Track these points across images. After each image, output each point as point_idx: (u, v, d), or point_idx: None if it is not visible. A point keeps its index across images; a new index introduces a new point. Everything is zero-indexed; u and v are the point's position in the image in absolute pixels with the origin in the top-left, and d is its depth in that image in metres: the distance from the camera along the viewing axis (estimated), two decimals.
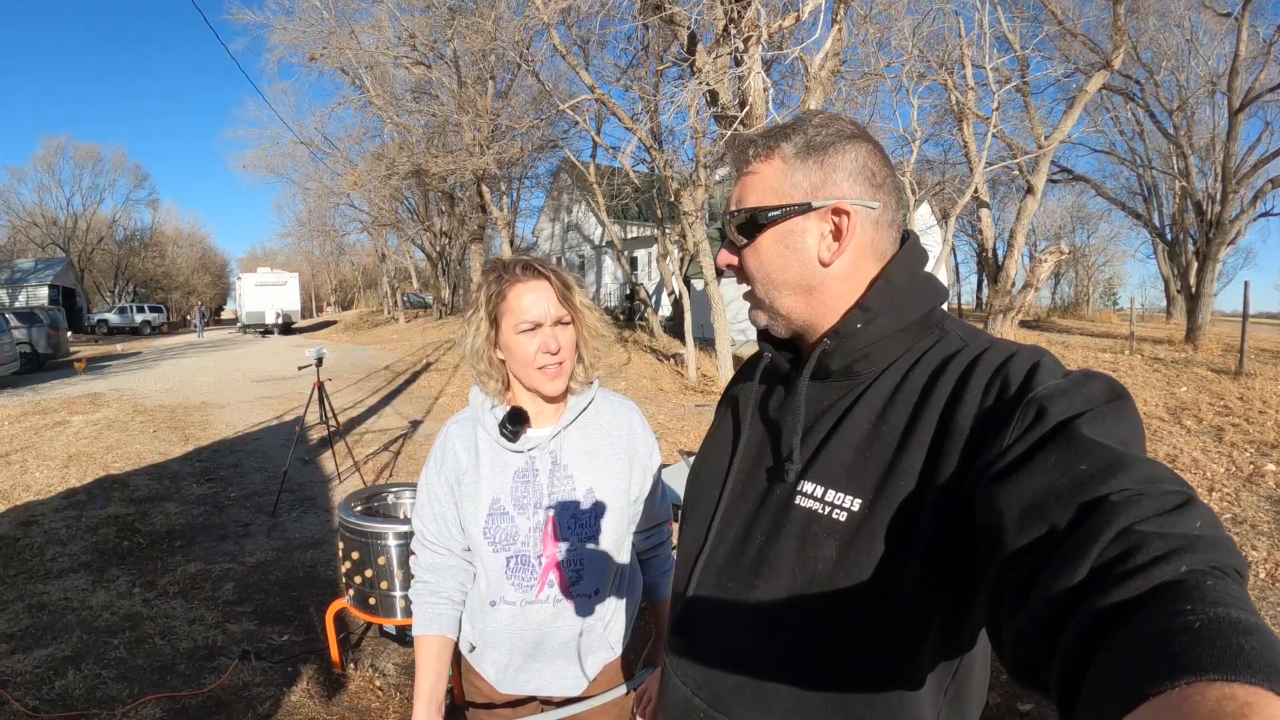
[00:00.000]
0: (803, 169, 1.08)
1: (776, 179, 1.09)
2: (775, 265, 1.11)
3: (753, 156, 1.12)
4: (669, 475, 5.20)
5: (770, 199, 1.09)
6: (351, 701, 3.88)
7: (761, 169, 1.11)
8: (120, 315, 45.47)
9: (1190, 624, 0.50)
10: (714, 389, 13.71)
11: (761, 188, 1.10)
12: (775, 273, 1.11)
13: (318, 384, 8.08)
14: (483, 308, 1.71)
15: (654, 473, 1.99)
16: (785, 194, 1.08)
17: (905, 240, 1.14)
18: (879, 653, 0.98)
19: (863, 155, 1.08)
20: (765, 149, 1.11)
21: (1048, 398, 0.82)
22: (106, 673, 4.10)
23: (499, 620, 1.82)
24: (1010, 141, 16.53)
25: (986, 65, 13.60)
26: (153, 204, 68.23)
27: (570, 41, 16.52)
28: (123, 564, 5.73)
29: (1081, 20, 17.14)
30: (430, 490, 1.85)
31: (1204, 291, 17.87)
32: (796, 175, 1.08)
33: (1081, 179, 25.42)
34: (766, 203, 1.09)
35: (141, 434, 11.14)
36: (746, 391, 1.29)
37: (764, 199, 1.10)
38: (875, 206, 1.07)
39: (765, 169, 1.10)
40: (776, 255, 1.10)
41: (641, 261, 31.49)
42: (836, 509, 1.00)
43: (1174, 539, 0.60)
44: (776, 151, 1.10)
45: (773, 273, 1.12)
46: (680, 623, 1.22)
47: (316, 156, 30.50)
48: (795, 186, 1.08)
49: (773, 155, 1.10)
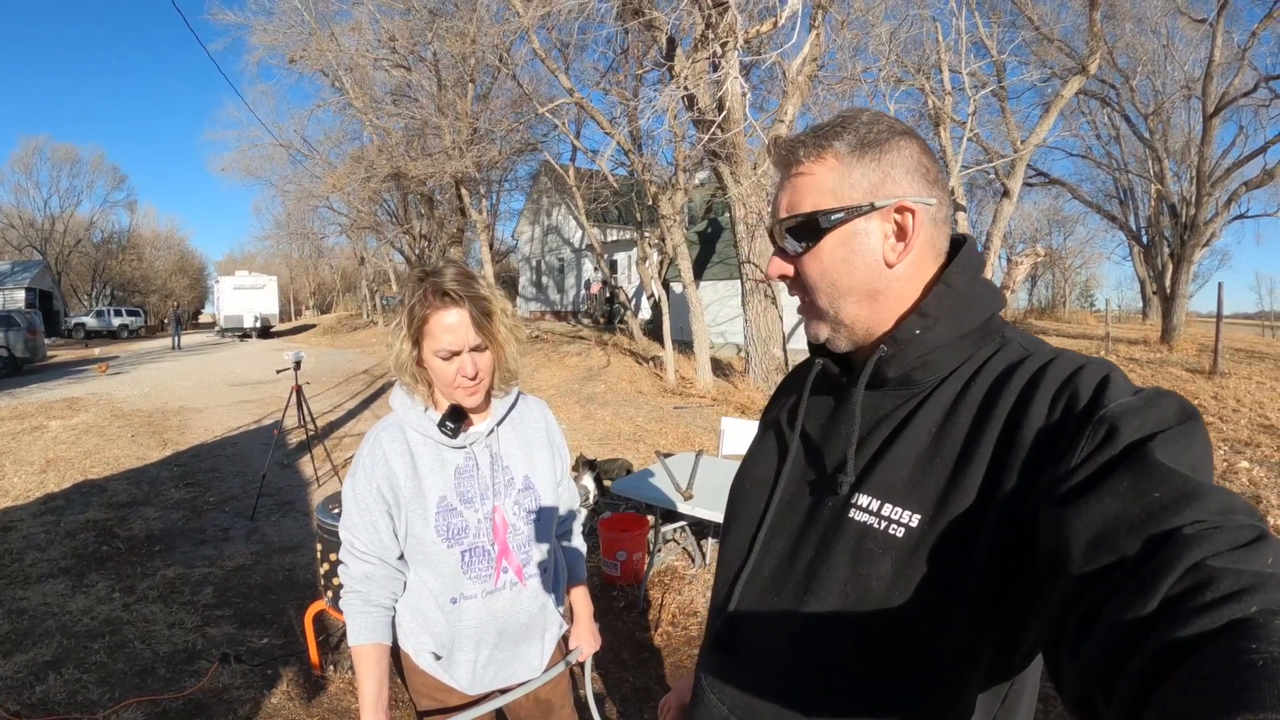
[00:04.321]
0: (861, 167, 1.03)
1: (833, 179, 1.04)
2: (840, 271, 1.05)
3: (804, 156, 1.06)
4: (645, 476, 5.28)
5: (829, 201, 1.03)
6: (331, 703, 3.92)
7: (815, 169, 1.05)
8: (98, 319, 44.89)
9: (1254, 662, 0.49)
10: (692, 391, 13.78)
11: (817, 189, 1.04)
12: (841, 279, 1.05)
13: (296, 387, 8.09)
14: (406, 327, 1.77)
15: (568, 461, 2.16)
16: (844, 195, 1.03)
17: (962, 244, 1.09)
18: (931, 675, 0.95)
19: (915, 151, 1.04)
20: (817, 148, 1.05)
21: (1119, 416, 0.79)
22: (87, 677, 4.12)
23: (466, 617, 1.88)
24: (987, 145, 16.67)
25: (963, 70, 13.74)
26: (131, 206, 67.63)
27: (550, 45, 16.52)
28: (102, 569, 5.74)
29: (1058, 26, 17.24)
30: (360, 499, 1.86)
31: (1179, 293, 18.13)
32: (855, 174, 1.03)
33: (1058, 182, 25.61)
34: (825, 205, 1.04)
35: (119, 439, 11.10)
36: (794, 401, 1.25)
37: (822, 201, 1.04)
38: (933, 203, 1.04)
39: (819, 169, 1.05)
40: (841, 260, 1.04)
41: (621, 264, 31.52)
42: (894, 524, 0.96)
43: (1245, 576, 0.58)
44: (829, 150, 1.04)
45: (838, 279, 1.05)
46: (721, 638, 1.17)
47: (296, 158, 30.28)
48: (854, 186, 1.03)
49: (825, 154, 1.04)
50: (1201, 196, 17.90)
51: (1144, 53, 21.38)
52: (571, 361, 18.17)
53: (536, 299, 38.63)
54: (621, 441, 10.32)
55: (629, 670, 4.20)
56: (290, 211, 35.76)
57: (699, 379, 14.20)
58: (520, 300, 39.55)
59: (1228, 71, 17.86)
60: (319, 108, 27.44)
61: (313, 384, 17.13)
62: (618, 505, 6.78)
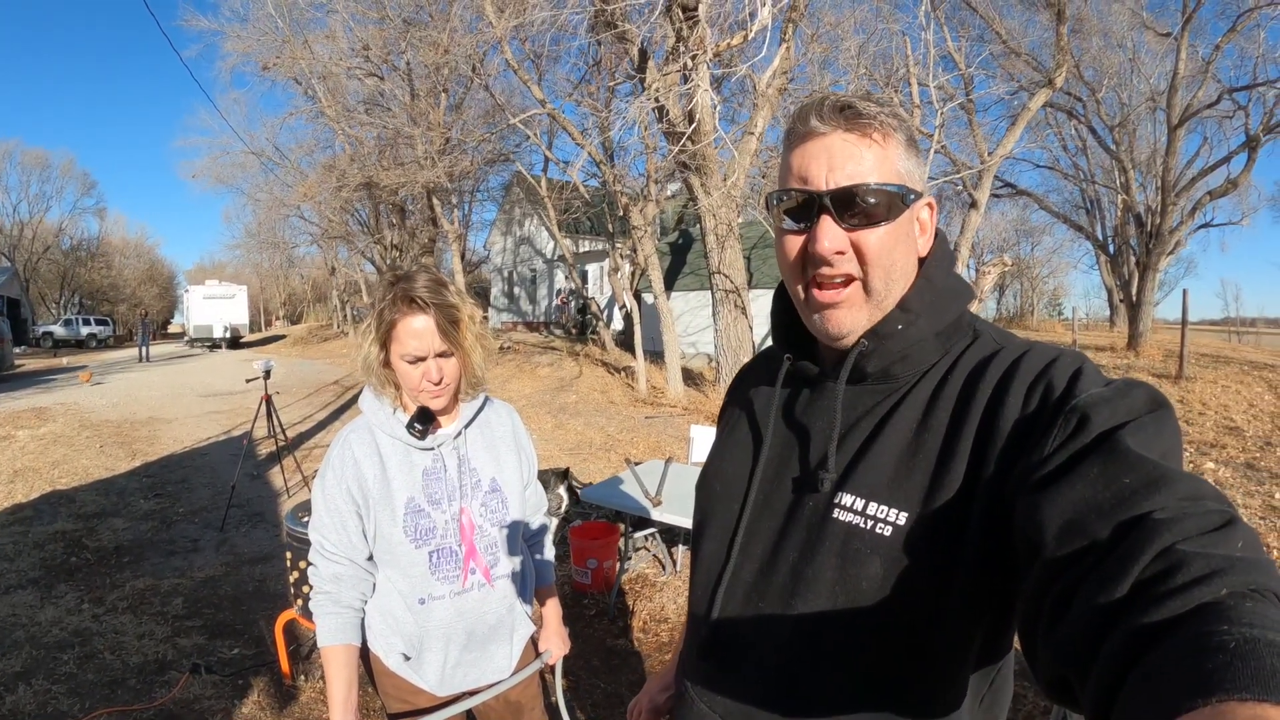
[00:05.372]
0: (914, 156, 1.04)
1: (906, 161, 1.03)
2: (900, 251, 1.03)
3: (879, 128, 1.00)
4: (615, 483, 5.33)
5: (906, 180, 1.02)
6: (303, 713, 3.94)
7: (887, 145, 1.01)
8: (66, 327, 44.19)
9: (1225, 644, 0.50)
10: (663, 401, 13.84)
11: (892, 167, 1.01)
12: (899, 259, 1.03)
13: (265, 397, 8.08)
14: (374, 331, 1.82)
15: (535, 465, 2.20)
16: (914, 178, 1.03)
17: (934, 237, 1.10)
18: (925, 668, 0.96)
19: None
20: (890, 126, 1.01)
21: (1091, 406, 0.81)
22: (57, 688, 4.12)
23: (434, 617, 1.91)
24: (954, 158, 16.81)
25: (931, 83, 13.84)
26: (100, 213, 67.09)
27: (523, 56, 16.55)
28: (71, 580, 5.72)
29: (1026, 40, 17.48)
30: (330, 501, 1.88)
31: (1145, 300, 18.45)
32: (912, 161, 1.04)
33: (1025, 193, 25.79)
34: (904, 183, 1.02)
35: (88, 449, 11.00)
36: (764, 395, 1.23)
37: (898, 179, 1.01)
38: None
39: (890, 146, 1.01)
40: (902, 239, 1.03)
41: (593, 275, 31.49)
42: (880, 523, 0.95)
43: (1215, 560, 0.60)
44: (899, 131, 1.02)
45: (898, 260, 1.03)
46: (707, 647, 1.15)
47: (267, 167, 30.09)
48: (910, 174, 1.03)
49: (895, 134, 1.02)
50: (1167, 206, 18.23)
51: (1110, 66, 21.66)
52: (544, 372, 18.15)
53: (509, 310, 38.48)
54: (593, 451, 10.36)
55: (600, 677, 4.24)
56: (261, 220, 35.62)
57: (670, 389, 14.25)
58: (492, 311, 39.37)
59: (1192, 84, 18.22)
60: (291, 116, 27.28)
61: (283, 394, 17.02)
62: (588, 514, 6.82)
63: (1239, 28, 17.00)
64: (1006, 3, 17.98)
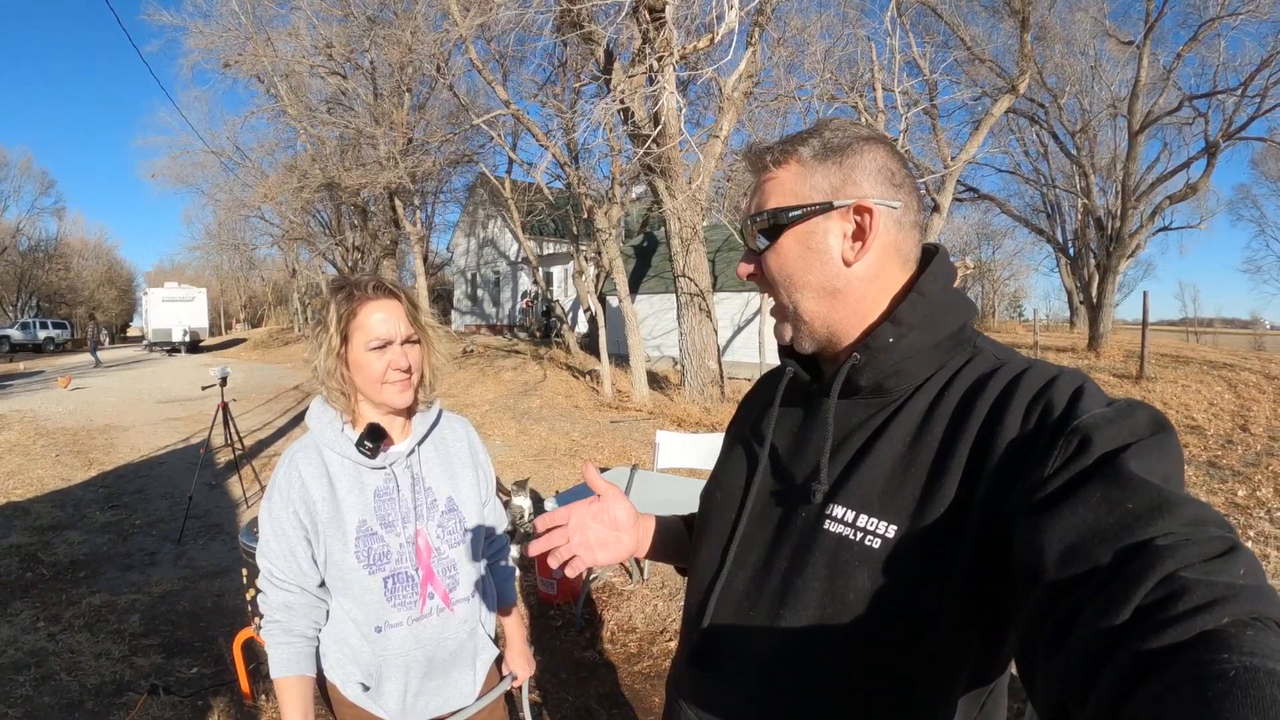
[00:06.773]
0: (822, 170, 1.07)
1: (795, 182, 1.08)
2: (798, 266, 1.08)
3: (770, 163, 1.11)
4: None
5: (790, 201, 1.08)
6: None
7: (780, 174, 1.10)
8: (23, 331, 43.17)
9: (1226, 672, 0.51)
10: (629, 405, 13.82)
11: (780, 191, 1.09)
12: (798, 274, 1.09)
13: (222, 404, 7.95)
14: (333, 325, 1.74)
15: (494, 481, 2.13)
16: (805, 195, 1.07)
17: (935, 253, 1.11)
18: (913, 687, 0.95)
19: (881, 155, 1.07)
20: (782, 154, 1.10)
21: (1092, 427, 0.80)
22: (13, 712, 4.00)
23: (391, 646, 1.83)
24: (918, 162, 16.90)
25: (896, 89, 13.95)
26: (59, 213, 65.80)
27: (487, 56, 16.49)
28: (26, 596, 5.58)
29: (990, 46, 17.63)
30: (277, 525, 1.80)
31: (1105, 302, 18.76)
32: (816, 177, 1.07)
33: (987, 198, 26.05)
34: (785, 204, 1.08)
35: (43, 458, 10.79)
36: (765, 410, 1.24)
37: (783, 201, 1.08)
38: (896, 206, 1.06)
39: (783, 173, 1.09)
40: (799, 256, 1.08)
41: (557, 278, 31.41)
42: (869, 535, 0.95)
43: (1218, 588, 0.60)
44: (794, 156, 1.09)
45: (795, 274, 1.09)
46: (697, 654, 1.17)
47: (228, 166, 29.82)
48: (815, 188, 1.07)
49: (789, 159, 1.09)
50: (1127, 210, 18.55)
51: (1073, 73, 22.01)
52: (507, 376, 18.07)
53: (472, 312, 38.34)
54: (557, 457, 10.31)
55: (568, 689, 4.19)
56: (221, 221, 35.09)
57: (635, 392, 14.26)
58: (455, 314, 39.24)
59: (1153, 91, 18.62)
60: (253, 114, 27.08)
61: (241, 401, 16.80)
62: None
63: (1200, 37, 17.36)
64: (971, 10, 18.22)
